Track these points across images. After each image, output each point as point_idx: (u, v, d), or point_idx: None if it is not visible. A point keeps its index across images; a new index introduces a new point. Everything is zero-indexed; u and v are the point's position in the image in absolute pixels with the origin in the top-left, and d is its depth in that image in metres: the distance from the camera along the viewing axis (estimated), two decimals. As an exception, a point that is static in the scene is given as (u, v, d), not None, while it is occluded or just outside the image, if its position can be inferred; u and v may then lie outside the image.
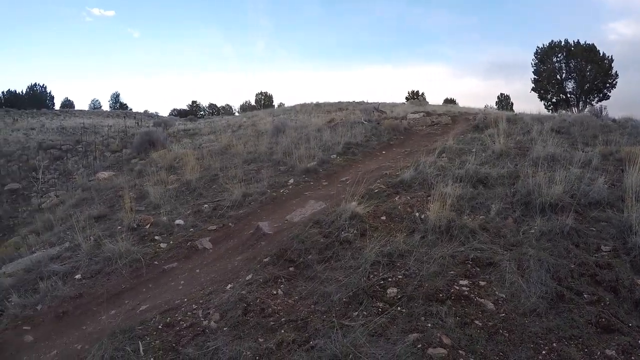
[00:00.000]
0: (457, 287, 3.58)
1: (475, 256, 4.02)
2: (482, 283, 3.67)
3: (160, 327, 3.66)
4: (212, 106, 60.73)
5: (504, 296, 3.47)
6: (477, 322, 3.16)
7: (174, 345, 3.36)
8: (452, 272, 3.81)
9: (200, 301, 4.04)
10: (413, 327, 3.13)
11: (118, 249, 5.57)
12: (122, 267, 5.33)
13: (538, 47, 36.49)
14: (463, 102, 48.84)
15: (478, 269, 3.88)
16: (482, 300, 3.43)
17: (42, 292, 4.98)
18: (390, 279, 3.78)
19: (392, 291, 3.63)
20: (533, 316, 3.20)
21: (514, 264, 3.84)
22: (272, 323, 3.45)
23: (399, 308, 3.39)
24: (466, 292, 3.51)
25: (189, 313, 3.83)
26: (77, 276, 5.32)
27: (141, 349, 3.37)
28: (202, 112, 56.75)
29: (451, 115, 14.86)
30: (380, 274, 3.89)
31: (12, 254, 7.02)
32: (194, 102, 60.93)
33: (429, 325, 3.12)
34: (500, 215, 4.91)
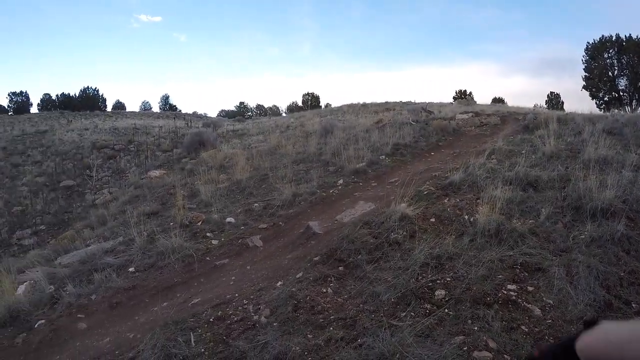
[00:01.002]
0: (505, 292, 3.53)
1: (524, 261, 3.96)
2: (530, 288, 3.61)
3: (211, 320, 3.77)
4: (259, 107, 62.00)
5: (552, 302, 3.42)
6: (523, 327, 3.13)
7: (224, 337, 3.46)
8: (500, 276, 3.76)
9: (251, 297, 4.13)
10: (460, 329, 3.12)
11: (171, 244, 5.78)
12: (174, 262, 5.52)
13: (588, 42, 35.41)
14: (512, 102, 47.66)
15: (526, 274, 3.82)
16: (530, 305, 3.38)
17: (96, 282, 5.23)
18: (438, 281, 3.77)
19: (440, 293, 3.61)
20: (580, 324, 3.11)
21: (562, 270, 3.77)
22: (321, 320, 3.49)
23: (446, 310, 3.37)
24: (514, 297, 3.46)
25: (239, 308, 3.93)
26: (130, 269, 5.56)
27: (192, 340, 3.48)
28: (249, 113, 57.98)
29: (500, 116, 14.67)
30: (429, 275, 3.88)
31: (67, 246, 7.39)
32: (241, 103, 62.50)
33: (476, 328, 3.11)
34: (550, 219, 4.80)
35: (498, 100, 42.80)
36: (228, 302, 4.14)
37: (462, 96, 43.07)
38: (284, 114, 51.11)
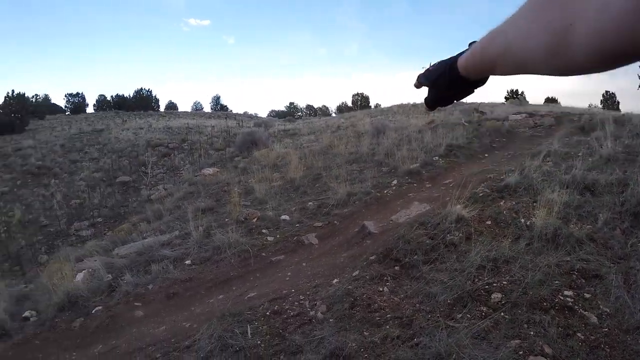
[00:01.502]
0: (562, 298, 3.40)
1: (581, 267, 3.80)
2: (586, 295, 3.46)
3: (267, 313, 3.79)
4: (309, 107, 62.38)
5: (608, 311, 3.26)
6: (579, 334, 3.00)
7: (280, 331, 3.48)
8: (556, 281, 3.63)
9: (307, 293, 4.13)
10: (515, 333, 3.04)
11: (227, 239, 5.90)
12: (230, 257, 5.62)
13: None
14: (565, 101, 45.86)
15: (583, 281, 3.67)
16: (586, 312, 3.25)
17: (153, 273, 5.40)
18: (494, 284, 3.68)
19: (496, 296, 3.52)
20: (636, 334, 2.99)
21: (620, 277, 3.60)
22: (377, 318, 3.46)
23: (502, 313, 3.29)
24: (570, 303, 3.33)
25: (296, 303, 3.93)
26: (187, 262, 5.70)
27: (249, 332, 3.51)
28: (299, 113, 58.39)
29: (554, 116, 14.21)
30: (485, 278, 3.79)
31: (124, 238, 7.67)
32: (291, 103, 63.03)
33: (532, 333, 3.02)
34: (607, 225, 4.57)
35: (551, 100, 41.19)
36: (284, 297, 4.15)
37: (514, 96, 41.60)
38: (333, 114, 51.28)
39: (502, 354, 2.76)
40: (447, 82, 0.98)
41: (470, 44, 0.92)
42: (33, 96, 46.90)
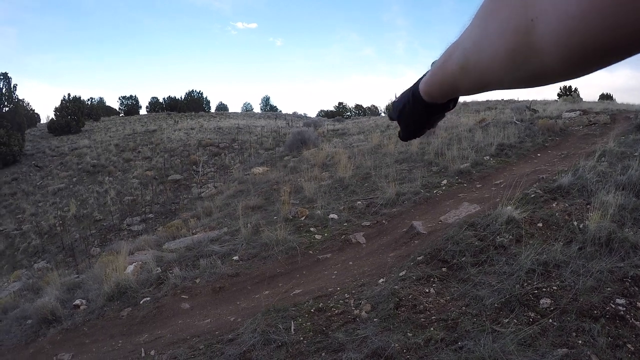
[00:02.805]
0: (613, 306, 3.23)
1: (635, 274, 3.59)
2: (639, 304, 3.27)
3: (312, 310, 3.82)
4: (358, 107, 62.14)
5: None
6: (629, 345, 2.84)
7: (324, 328, 3.49)
8: (609, 288, 3.45)
9: (352, 291, 4.13)
10: (563, 341, 2.91)
11: (275, 236, 5.99)
12: (277, 254, 5.70)
13: None
14: (620, 98, 43.80)
15: (637, 289, 3.46)
16: (638, 323, 3.06)
17: (201, 267, 5.55)
18: (544, 289, 3.55)
19: (545, 302, 3.39)
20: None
21: None
22: (422, 320, 3.41)
23: (550, 320, 3.16)
24: (622, 312, 3.15)
25: (340, 301, 3.94)
26: (234, 257, 5.82)
27: (292, 328, 3.54)
28: (348, 113, 58.32)
29: (609, 114, 13.71)
30: (535, 283, 3.66)
31: (174, 233, 7.90)
32: (340, 103, 62.90)
33: (580, 342, 2.88)
34: None
35: (606, 97, 39.46)
36: (329, 295, 4.17)
37: (567, 93, 39.94)
38: (382, 114, 51.05)
39: (547, 363, 2.67)
40: (412, 110, 0.91)
41: (432, 64, 0.82)
42: (88, 99, 49.21)
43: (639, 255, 3.90)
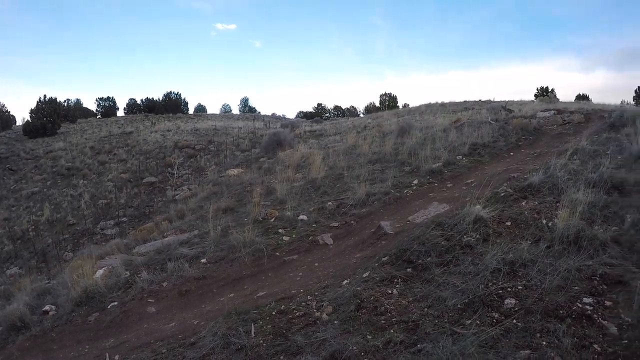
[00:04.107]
0: (580, 305, 3.24)
1: (604, 272, 3.61)
2: (607, 303, 3.27)
3: (273, 313, 3.84)
4: (337, 108, 62.25)
5: (630, 320, 3.05)
6: (595, 346, 2.82)
7: (284, 331, 3.51)
8: (576, 287, 3.47)
9: (316, 293, 4.16)
10: (527, 343, 2.90)
11: (243, 238, 6.01)
12: (245, 256, 5.73)
13: None
14: (596, 98, 44.67)
15: (605, 287, 3.48)
16: (605, 322, 3.05)
17: (169, 271, 5.56)
18: (509, 289, 3.56)
19: (509, 302, 3.40)
20: None
21: None
22: (382, 322, 3.43)
23: (514, 321, 3.16)
24: (589, 312, 3.16)
25: (303, 303, 3.97)
26: (202, 260, 5.83)
27: (253, 331, 3.56)
28: (327, 114, 58.43)
29: (584, 113, 14.03)
30: (500, 282, 3.67)
31: (146, 236, 7.88)
32: (319, 104, 62.95)
33: (544, 343, 2.87)
34: (635, 227, 4.34)
35: (582, 97, 40.11)
36: (292, 297, 4.19)
37: (544, 93, 40.49)
38: (361, 115, 51.38)
39: (510, 365, 2.67)
40: None
41: None
42: (65, 100, 48.40)
43: (609, 253, 3.91)
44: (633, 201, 4.93)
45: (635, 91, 42.14)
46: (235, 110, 63.50)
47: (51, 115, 33.67)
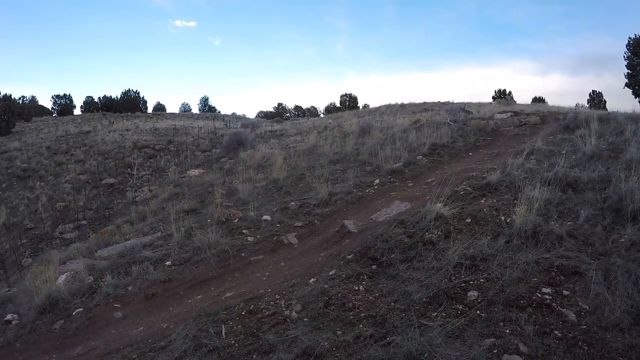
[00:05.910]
0: (539, 295, 3.42)
1: (561, 264, 3.82)
2: (565, 292, 3.47)
3: (243, 313, 3.86)
4: (297, 108, 62.23)
5: (587, 307, 3.26)
6: (556, 332, 3.00)
7: (254, 330, 3.53)
8: (535, 279, 3.65)
9: (283, 292, 4.19)
10: (491, 331, 3.05)
11: (207, 239, 5.97)
12: (210, 257, 5.70)
13: (630, 38, 33.05)
14: (553, 101, 46.29)
15: (562, 278, 3.68)
16: (564, 310, 3.25)
17: (134, 274, 5.48)
18: (471, 282, 3.71)
19: (472, 294, 3.55)
20: (615, 331, 2.98)
21: (600, 274, 3.58)
22: (351, 317, 3.51)
23: (478, 312, 3.30)
24: (548, 301, 3.34)
25: (271, 302, 3.99)
26: (167, 263, 5.78)
27: (223, 331, 3.57)
28: (287, 114, 58.30)
29: (540, 115, 14.54)
30: (462, 276, 3.82)
31: (107, 240, 7.70)
32: (279, 104, 62.86)
33: (507, 331, 3.02)
34: (589, 221, 4.60)
35: (538, 100, 41.57)
36: (261, 296, 4.22)
37: (502, 96, 41.83)
38: (322, 115, 51.36)
39: (476, 353, 2.77)
40: None
41: None
42: (20, 98, 46.62)
43: (565, 246, 4.11)
44: (586, 197, 5.16)
45: (590, 94, 43.94)
46: (195, 110, 62.51)
47: (5, 113, 32.29)
